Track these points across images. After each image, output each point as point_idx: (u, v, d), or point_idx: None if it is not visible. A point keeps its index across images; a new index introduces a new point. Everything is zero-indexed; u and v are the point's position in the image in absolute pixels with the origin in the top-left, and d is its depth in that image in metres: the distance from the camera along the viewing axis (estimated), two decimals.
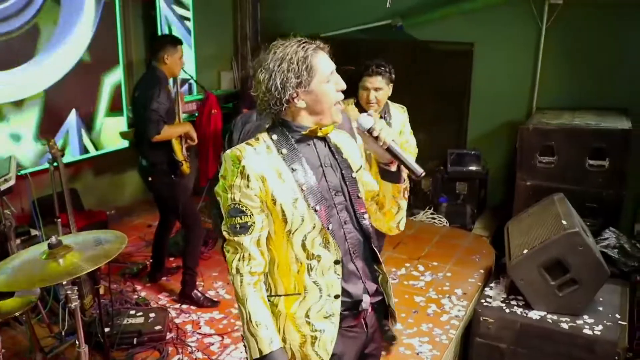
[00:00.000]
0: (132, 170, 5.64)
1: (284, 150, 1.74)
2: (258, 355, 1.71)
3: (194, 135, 4.00)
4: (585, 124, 4.62)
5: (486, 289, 3.94)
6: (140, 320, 3.54)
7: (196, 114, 5.50)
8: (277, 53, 1.70)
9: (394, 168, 1.79)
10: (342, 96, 1.77)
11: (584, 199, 4.47)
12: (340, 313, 1.78)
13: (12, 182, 3.41)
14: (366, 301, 1.84)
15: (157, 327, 3.47)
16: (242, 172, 1.68)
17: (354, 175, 1.85)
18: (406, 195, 1.88)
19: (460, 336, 3.79)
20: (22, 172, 3.94)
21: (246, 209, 1.70)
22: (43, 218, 3.79)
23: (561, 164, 4.59)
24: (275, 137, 1.76)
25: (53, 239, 2.12)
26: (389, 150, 1.73)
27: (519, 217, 4.28)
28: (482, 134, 5.79)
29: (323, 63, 1.73)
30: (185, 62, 3.98)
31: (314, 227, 1.72)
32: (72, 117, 4.85)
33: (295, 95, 1.70)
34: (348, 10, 6.03)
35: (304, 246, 1.73)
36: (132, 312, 3.64)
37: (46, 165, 3.51)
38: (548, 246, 3.51)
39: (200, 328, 3.68)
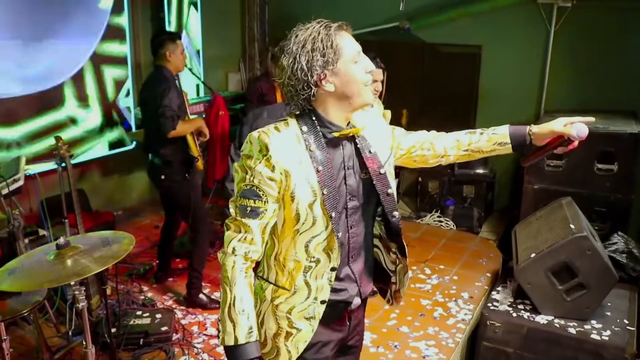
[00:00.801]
0: (139, 171, 5.67)
1: (313, 147, 1.67)
2: (232, 343, 1.64)
3: (206, 130, 4.00)
4: (594, 127, 4.58)
5: (493, 292, 3.93)
6: (147, 321, 3.55)
7: (203, 115, 5.51)
8: (299, 36, 1.64)
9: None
10: (371, 78, 1.70)
11: (592, 203, 4.45)
12: (324, 313, 1.77)
13: (21, 183, 3.43)
14: (356, 304, 1.85)
15: (164, 328, 3.48)
16: (268, 161, 1.62)
17: (382, 171, 1.78)
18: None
19: (467, 340, 3.77)
20: (31, 172, 3.96)
21: (263, 194, 1.65)
22: (51, 218, 3.81)
23: (569, 168, 4.56)
24: (305, 128, 1.69)
25: (61, 240, 2.13)
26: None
27: (527, 220, 4.26)
28: None
29: (348, 43, 1.67)
30: (187, 56, 3.99)
31: (322, 232, 1.70)
32: None
33: (323, 76, 1.63)
34: (356, 12, 6.03)
35: (306, 248, 1.72)
36: (139, 312, 3.65)
37: (55, 166, 3.52)
38: (556, 250, 3.49)
39: (206, 329, 3.68)
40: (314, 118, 1.70)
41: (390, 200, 1.79)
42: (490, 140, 1.89)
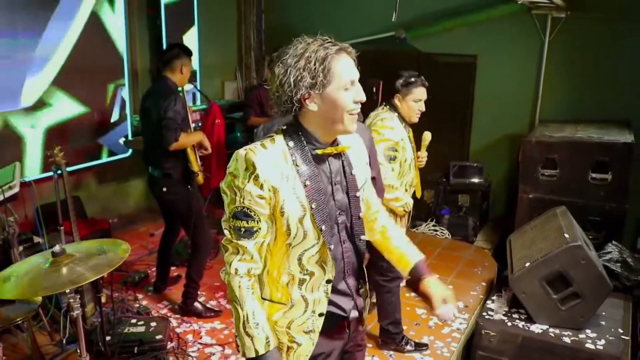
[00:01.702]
0: (135, 179, 5.67)
1: (299, 162, 1.67)
2: (254, 355, 1.68)
3: (208, 144, 3.95)
4: (588, 137, 4.62)
5: (488, 301, 3.93)
6: (142, 329, 3.53)
7: (199, 124, 5.52)
8: (297, 49, 1.62)
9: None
10: (358, 107, 1.68)
11: (587, 213, 4.47)
12: (323, 325, 1.78)
13: (16, 190, 3.42)
14: (353, 316, 1.86)
15: (158, 337, 3.47)
16: (256, 180, 1.62)
17: (357, 194, 1.80)
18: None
19: (462, 349, 3.77)
20: (26, 179, 3.95)
21: (254, 214, 1.64)
22: (46, 225, 3.80)
23: (564, 177, 4.59)
24: (291, 143, 1.68)
25: (57, 248, 2.12)
26: None
27: (522, 229, 4.27)
28: (484, 146, 5.80)
29: (344, 68, 1.63)
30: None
31: (314, 245, 1.70)
32: None
33: (307, 96, 1.62)
34: (353, 22, 6.07)
35: (300, 261, 1.72)
36: (134, 320, 3.64)
37: (50, 173, 3.51)
38: (550, 259, 3.50)
39: (201, 338, 3.67)
40: (300, 133, 1.69)
41: (360, 223, 1.82)
42: (398, 257, 1.96)
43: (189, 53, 3.85)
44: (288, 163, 1.66)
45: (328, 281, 1.75)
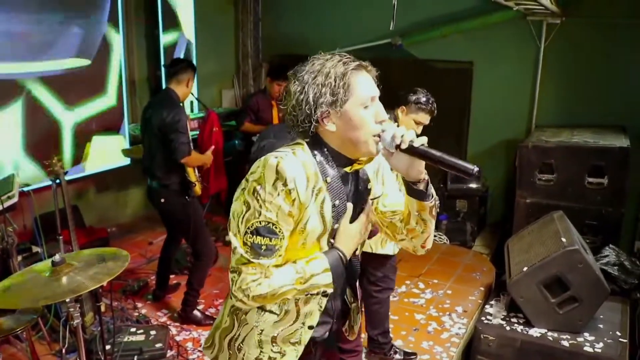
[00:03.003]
0: (133, 188, 5.68)
1: (329, 179, 1.57)
2: (328, 268, 1.58)
3: (209, 163, 4.10)
4: (584, 141, 4.65)
5: (486, 306, 3.94)
6: (141, 337, 3.53)
7: (197, 132, 5.54)
8: (314, 65, 1.54)
9: (422, 186, 1.59)
10: (379, 129, 1.54)
11: (584, 217, 4.50)
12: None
13: (15, 200, 3.43)
14: (324, 338, 1.78)
15: (158, 345, 3.46)
16: (288, 194, 1.49)
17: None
18: (434, 213, 1.67)
19: (461, 354, 3.78)
20: (25, 189, 3.96)
21: (279, 231, 1.51)
22: (45, 235, 3.80)
23: (560, 182, 4.61)
24: (318, 158, 1.57)
25: (57, 257, 2.13)
26: (423, 156, 1.49)
27: (519, 234, 4.29)
28: (481, 151, 5.83)
29: (364, 84, 1.55)
30: None
31: None
32: None
33: (326, 114, 1.53)
34: (349, 29, 6.10)
35: None
36: (133, 329, 3.63)
37: (49, 182, 3.52)
38: (548, 263, 3.51)
39: (200, 345, 3.67)
40: (325, 148, 1.59)
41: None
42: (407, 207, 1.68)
43: (194, 69, 3.89)
44: (319, 178, 1.56)
45: (325, 294, 1.67)
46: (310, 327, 1.71)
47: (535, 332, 3.55)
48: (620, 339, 3.46)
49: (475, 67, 5.74)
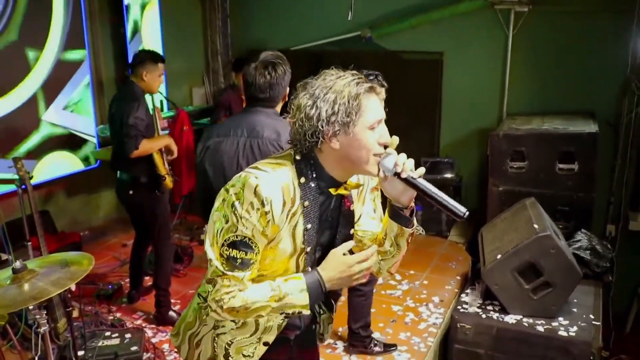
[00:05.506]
0: (105, 190, 5.59)
1: (307, 203, 1.57)
2: (306, 299, 1.58)
3: (174, 148, 3.90)
4: (554, 128, 4.69)
5: (462, 295, 3.96)
6: (116, 341, 3.47)
7: (167, 131, 5.47)
8: (327, 80, 1.52)
9: (408, 212, 1.63)
10: (382, 150, 1.55)
11: (556, 203, 4.53)
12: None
13: None
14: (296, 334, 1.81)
15: (134, 348, 3.41)
16: (264, 217, 1.50)
17: (352, 231, 1.73)
18: (409, 241, 1.71)
19: (439, 344, 3.80)
20: None
21: (255, 246, 1.53)
22: (14, 242, 3.71)
23: (532, 169, 4.64)
24: (302, 180, 1.56)
25: (17, 264, 2.08)
26: (418, 188, 1.54)
27: (493, 222, 4.32)
28: (454, 141, 5.85)
29: (373, 107, 1.54)
30: (162, 81, 3.90)
31: None
32: None
33: (336, 132, 1.50)
34: (317, 23, 6.07)
35: None
36: (108, 333, 3.57)
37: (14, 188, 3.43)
38: (521, 250, 3.54)
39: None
40: (314, 169, 1.58)
41: None
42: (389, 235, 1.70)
43: (155, 59, 3.78)
44: (296, 201, 1.56)
45: (286, 316, 1.67)
46: (266, 344, 1.71)
47: (510, 318, 3.58)
48: (593, 322, 3.51)
49: (445, 57, 5.76)
